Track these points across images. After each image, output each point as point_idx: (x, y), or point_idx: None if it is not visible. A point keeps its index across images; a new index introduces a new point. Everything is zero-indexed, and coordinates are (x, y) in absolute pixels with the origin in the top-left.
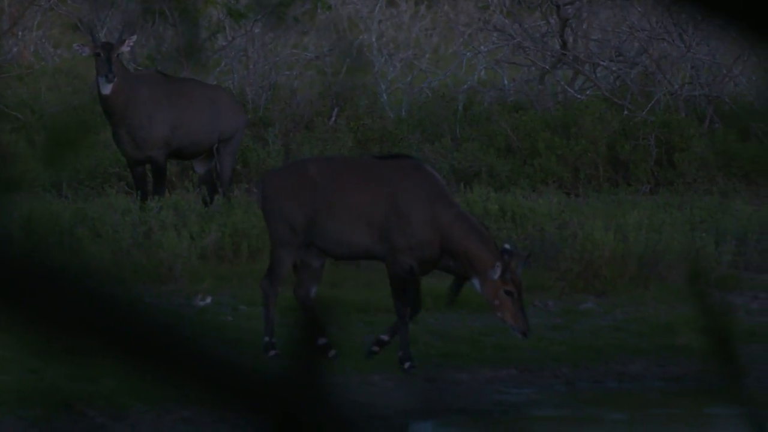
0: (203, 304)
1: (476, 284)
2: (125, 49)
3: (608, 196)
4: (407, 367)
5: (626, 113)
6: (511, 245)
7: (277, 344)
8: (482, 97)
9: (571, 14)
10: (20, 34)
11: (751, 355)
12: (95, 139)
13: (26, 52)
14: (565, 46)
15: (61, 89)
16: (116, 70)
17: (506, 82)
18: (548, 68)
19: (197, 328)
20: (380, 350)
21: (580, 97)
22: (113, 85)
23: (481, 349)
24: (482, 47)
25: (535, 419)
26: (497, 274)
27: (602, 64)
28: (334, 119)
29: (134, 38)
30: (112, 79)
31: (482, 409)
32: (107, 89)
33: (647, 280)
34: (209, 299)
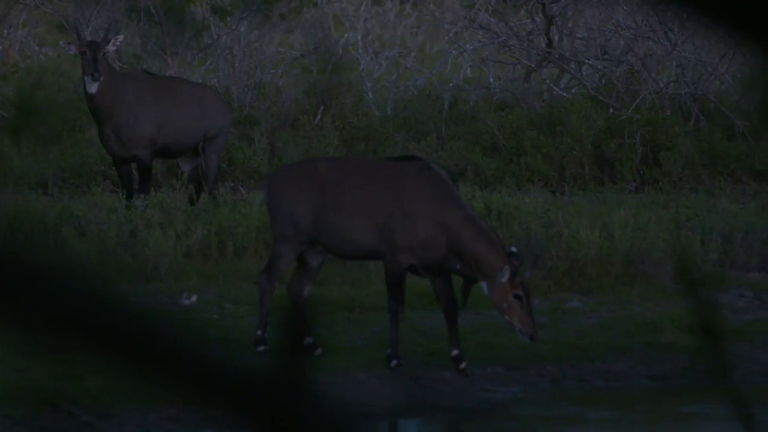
0: (189, 302)
1: (484, 287)
2: (111, 48)
3: (594, 194)
4: (393, 365)
5: (612, 111)
6: (517, 248)
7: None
8: (468, 95)
9: (556, 12)
10: (5, 32)
11: (736, 353)
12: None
13: (11, 50)
14: (550, 44)
15: (46, 88)
16: (102, 69)
17: (492, 80)
18: (534, 66)
19: (183, 326)
20: (465, 364)
21: (565, 95)
22: (99, 84)
23: (466, 347)
24: (468, 45)
25: (520, 417)
26: (505, 277)
27: (588, 62)
28: (319, 117)
29: (121, 37)
30: (98, 78)
31: (468, 407)
32: (93, 88)
33: (633, 278)
34: (195, 298)
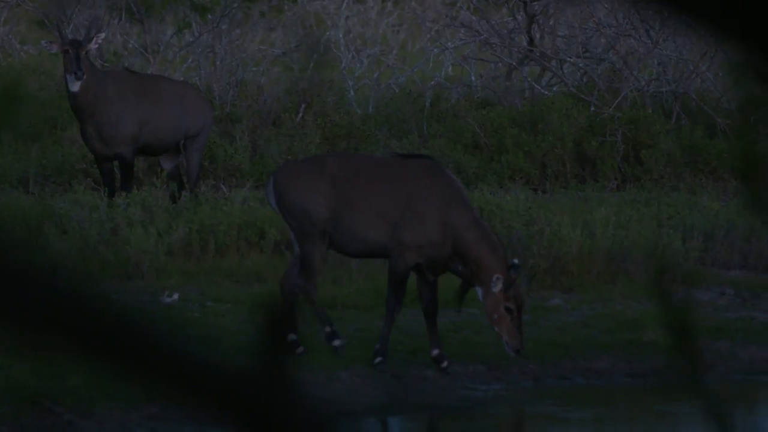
0: (170, 300)
1: (479, 293)
2: (93, 46)
3: (575, 192)
4: (377, 361)
5: (593, 110)
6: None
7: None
8: (449, 93)
9: (538, 11)
10: None
11: (717, 350)
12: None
13: None
14: (532, 42)
15: (27, 86)
16: (85, 67)
17: (473, 78)
18: (515, 64)
19: (164, 324)
20: (447, 363)
21: (547, 93)
22: (82, 82)
23: (448, 345)
24: (449, 43)
25: (502, 415)
26: (497, 287)
27: (569, 60)
28: (301, 115)
29: (102, 35)
30: (81, 76)
31: (449, 405)
32: (76, 87)
33: (614, 276)
34: (176, 296)
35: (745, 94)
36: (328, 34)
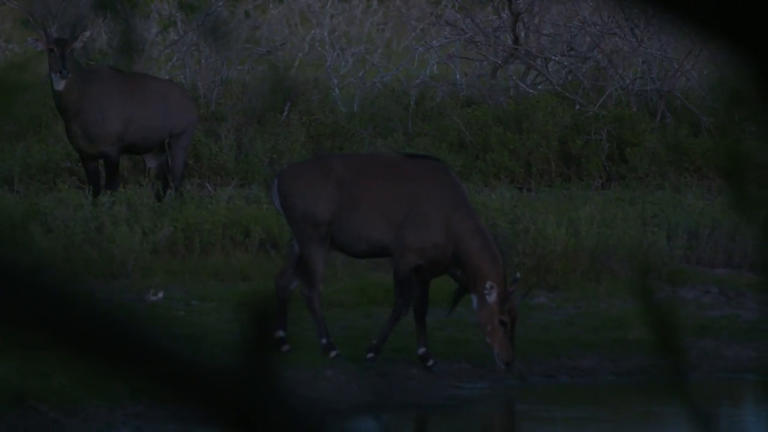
0: (155, 299)
1: (474, 301)
2: (78, 44)
3: (560, 190)
4: (369, 357)
5: (578, 108)
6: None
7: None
8: (434, 91)
9: (522, 9)
10: None
11: (702, 349)
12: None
13: None
14: (516, 40)
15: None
16: (70, 66)
17: (458, 76)
18: (500, 63)
19: (149, 323)
20: (432, 362)
21: (531, 91)
22: (67, 81)
23: (433, 343)
24: (434, 42)
25: (487, 413)
26: (491, 296)
27: (554, 58)
28: (286, 114)
29: (87, 34)
30: (66, 75)
31: (435, 403)
32: (61, 85)
33: (599, 274)
34: (161, 294)
35: (729, 92)
36: (313, 31)
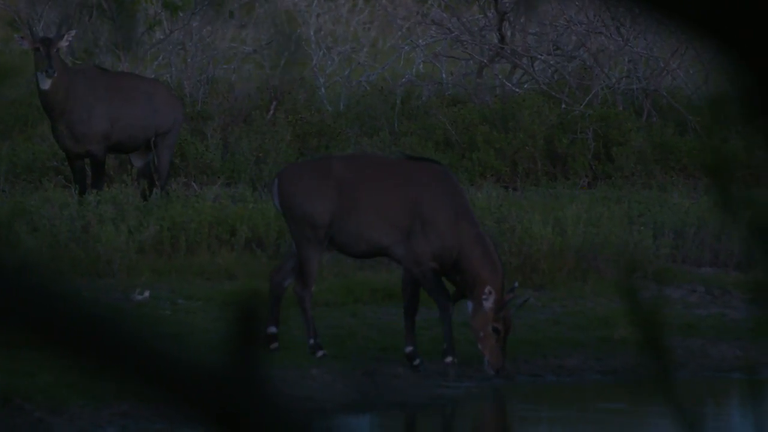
0: (141, 298)
1: (469, 306)
2: (64, 44)
3: (546, 189)
4: (449, 361)
5: (564, 107)
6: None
7: (278, 339)
8: (420, 90)
9: (508, 8)
10: None
11: (688, 348)
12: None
13: None
14: (503, 39)
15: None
16: (56, 65)
17: (444, 75)
18: (486, 62)
19: (135, 322)
20: (419, 361)
21: (518, 90)
22: (53, 80)
23: (420, 342)
24: (420, 41)
25: (473, 413)
26: (488, 302)
27: (540, 57)
28: (272, 113)
29: (73, 33)
30: (52, 74)
31: (421, 402)
32: (46, 84)
33: (585, 273)
34: (147, 293)
35: (715, 91)
36: (298, 30)
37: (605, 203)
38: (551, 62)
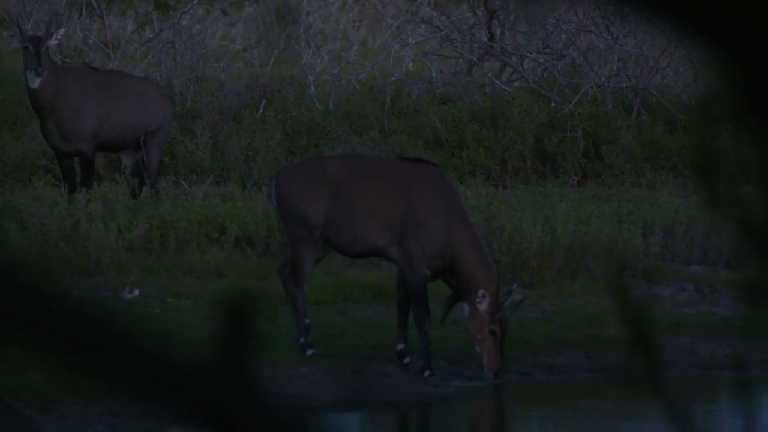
0: (131, 296)
1: (465, 309)
2: (53, 42)
3: (536, 188)
4: (427, 375)
5: (554, 105)
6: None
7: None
8: (410, 89)
9: (498, 6)
10: None
11: (678, 346)
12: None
13: None
14: (492, 38)
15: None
16: (45, 63)
17: (434, 74)
18: (476, 60)
19: (125, 320)
20: (409, 359)
21: (507, 89)
22: (42, 78)
23: (409, 341)
24: (410, 39)
25: (462, 411)
26: (483, 304)
27: (529, 56)
28: (261, 111)
29: (62, 31)
30: (41, 73)
31: (410, 400)
32: (36, 83)
33: (575, 271)
34: (137, 292)
35: (705, 89)
36: (288, 29)
37: (595, 201)
38: (541, 61)
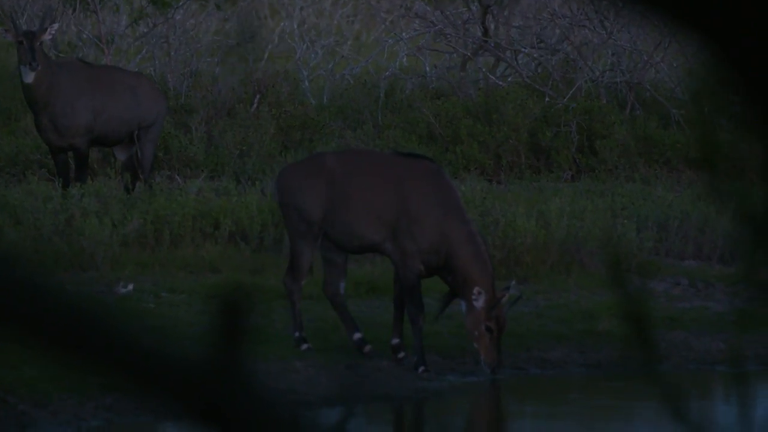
0: (125, 291)
1: (462, 306)
2: (47, 37)
3: (530, 183)
4: (421, 371)
5: (548, 100)
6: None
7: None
8: (404, 84)
9: (492, 1)
10: None
11: (672, 341)
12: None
13: None
14: (486, 33)
15: None
16: (39, 58)
17: (428, 69)
18: (470, 55)
19: (119, 315)
20: (403, 354)
21: (501, 84)
22: (36, 73)
23: (404, 336)
24: (404, 34)
25: (456, 405)
26: (479, 301)
27: (523, 50)
28: (255, 106)
29: (56, 26)
30: (35, 67)
31: (404, 395)
32: (30, 78)
33: (569, 266)
34: (131, 286)
35: (699, 84)
36: (282, 24)
37: (589, 196)
38: (535, 55)
